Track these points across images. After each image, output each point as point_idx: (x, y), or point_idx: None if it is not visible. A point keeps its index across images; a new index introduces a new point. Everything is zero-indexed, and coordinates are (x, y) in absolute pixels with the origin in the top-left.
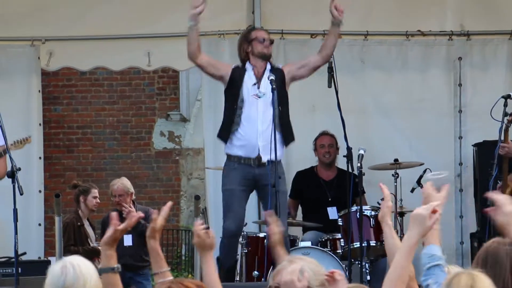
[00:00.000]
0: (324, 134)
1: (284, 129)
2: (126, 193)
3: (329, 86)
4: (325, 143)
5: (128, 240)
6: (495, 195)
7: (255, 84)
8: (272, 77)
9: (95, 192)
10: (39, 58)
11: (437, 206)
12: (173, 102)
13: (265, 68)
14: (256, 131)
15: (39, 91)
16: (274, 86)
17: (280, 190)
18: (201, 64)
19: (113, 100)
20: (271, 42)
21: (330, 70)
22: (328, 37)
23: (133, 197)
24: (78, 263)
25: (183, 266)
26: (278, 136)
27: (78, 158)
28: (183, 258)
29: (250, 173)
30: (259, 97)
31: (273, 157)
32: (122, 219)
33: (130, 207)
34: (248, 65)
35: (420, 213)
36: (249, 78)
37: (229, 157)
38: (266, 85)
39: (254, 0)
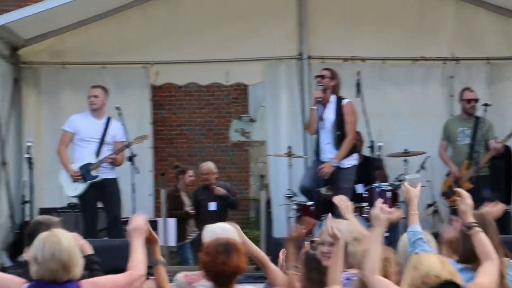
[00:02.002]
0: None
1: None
2: (211, 172)
3: (357, 97)
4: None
5: (212, 206)
6: (461, 190)
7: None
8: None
9: (190, 172)
10: (148, 76)
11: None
12: (244, 108)
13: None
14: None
15: (150, 99)
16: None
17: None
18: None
19: (201, 106)
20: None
21: (358, 86)
22: None
23: (216, 175)
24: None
25: (252, 225)
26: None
27: (176, 148)
28: (252, 219)
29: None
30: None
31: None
32: (208, 191)
33: (215, 182)
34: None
35: (375, 214)
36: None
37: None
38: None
39: (302, 34)
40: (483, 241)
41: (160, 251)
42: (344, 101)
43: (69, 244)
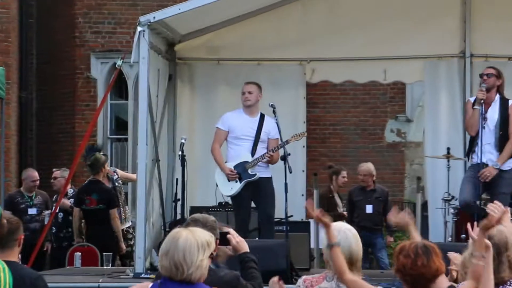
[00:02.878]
0: None
1: None
2: (370, 174)
3: None
4: None
5: (369, 209)
6: None
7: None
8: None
9: (344, 173)
10: (304, 73)
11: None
12: (401, 107)
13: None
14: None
15: (304, 97)
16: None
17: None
18: None
19: (356, 105)
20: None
21: None
22: None
23: (375, 178)
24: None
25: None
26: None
27: (329, 148)
28: None
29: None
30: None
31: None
32: (365, 193)
33: (373, 184)
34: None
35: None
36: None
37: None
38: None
39: (465, 32)
40: None
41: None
42: (510, 102)
43: (187, 243)
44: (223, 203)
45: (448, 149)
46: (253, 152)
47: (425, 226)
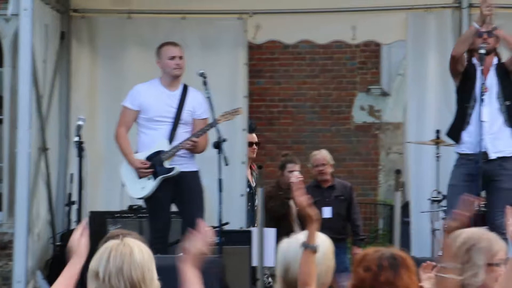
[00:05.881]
0: None
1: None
2: (327, 163)
3: None
4: None
5: (327, 212)
6: None
7: (483, 83)
8: None
9: (292, 166)
10: (246, 31)
11: None
12: (374, 76)
13: (492, 64)
14: (483, 128)
15: (245, 64)
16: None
17: (503, 186)
18: (461, 61)
19: (314, 74)
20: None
21: None
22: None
23: (332, 169)
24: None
25: (380, 240)
26: (507, 131)
27: (278, 131)
28: (380, 232)
29: (477, 168)
30: (484, 95)
31: (502, 154)
32: (322, 191)
33: (331, 178)
34: (475, 61)
35: None
36: (479, 76)
37: (458, 154)
38: (491, 80)
39: None
40: None
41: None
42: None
43: (144, 258)
44: (135, 207)
45: (438, 132)
46: (171, 138)
47: (405, 235)
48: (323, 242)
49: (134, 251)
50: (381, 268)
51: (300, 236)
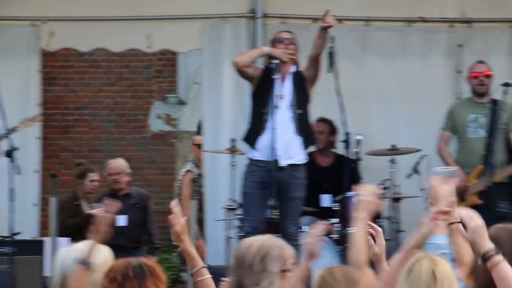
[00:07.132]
0: (317, 121)
1: (303, 132)
2: (122, 171)
3: (329, 71)
4: (316, 130)
5: (122, 220)
6: (460, 211)
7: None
8: None
9: (92, 175)
10: (39, 38)
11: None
12: (171, 85)
13: (289, 71)
14: (275, 135)
15: (38, 71)
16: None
17: (294, 195)
18: (247, 69)
19: (110, 82)
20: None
21: (331, 55)
22: (317, 39)
23: (129, 177)
24: None
25: (174, 248)
26: (297, 139)
27: (74, 139)
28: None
29: (269, 176)
30: (279, 103)
31: (293, 161)
32: (117, 199)
33: (127, 187)
34: (273, 66)
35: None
36: (276, 83)
37: (249, 160)
38: (287, 88)
39: None
40: (507, 275)
41: None
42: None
43: None
44: None
45: (233, 141)
46: None
47: None
48: (103, 257)
49: None
50: (127, 278)
51: (79, 246)
